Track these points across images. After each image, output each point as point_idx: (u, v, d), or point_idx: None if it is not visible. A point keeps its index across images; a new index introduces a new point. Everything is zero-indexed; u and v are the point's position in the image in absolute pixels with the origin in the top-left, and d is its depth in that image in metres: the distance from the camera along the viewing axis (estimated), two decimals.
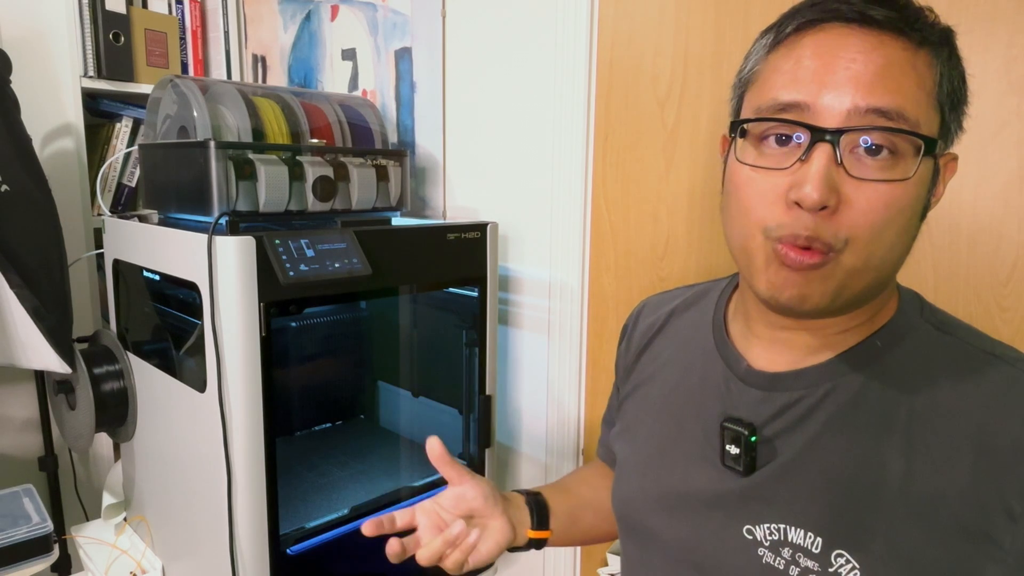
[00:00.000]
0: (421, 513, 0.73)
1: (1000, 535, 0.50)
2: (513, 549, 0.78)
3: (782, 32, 0.55)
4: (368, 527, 0.70)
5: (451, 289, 1.25)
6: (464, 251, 1.15)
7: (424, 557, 0.71)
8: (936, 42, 0.53)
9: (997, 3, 0.79)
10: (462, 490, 0.75)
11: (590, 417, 1.25)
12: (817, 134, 0.51)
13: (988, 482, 0.51)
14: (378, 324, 1.45)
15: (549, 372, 1.28)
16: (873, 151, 0.51)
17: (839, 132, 0.50)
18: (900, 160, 0.51)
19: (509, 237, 1.32)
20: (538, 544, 0.79)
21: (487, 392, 1.21)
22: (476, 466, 1.23)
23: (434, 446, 0.73)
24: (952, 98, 0.54)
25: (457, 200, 1.41)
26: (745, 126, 0.56)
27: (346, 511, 1.14)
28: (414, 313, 1.36)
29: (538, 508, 0.79)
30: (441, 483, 1.24)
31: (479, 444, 1.22)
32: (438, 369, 1.35)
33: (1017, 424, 0.51)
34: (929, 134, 0.51)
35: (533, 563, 1.35)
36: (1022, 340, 0.80)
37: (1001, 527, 0.50)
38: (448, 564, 0.72)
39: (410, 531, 0.73)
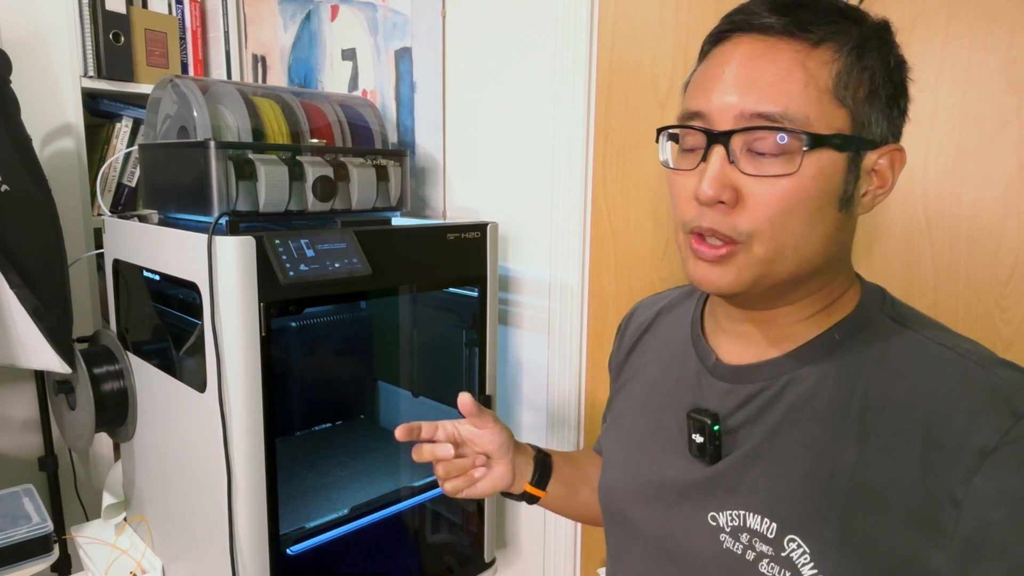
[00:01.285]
0: (443, 431, 0.80)
1: (945, 522, 0.52)
2: (507, 494, 0.85)
3: (705, 45, 0.61)
4: (400, 432, 0.78)
5: (451, 289, 1.25)
6: (464, 251, 1.15)
7: (440, 471, 0.79)
8: (840, 39, 0.56)
9: (997, 3, 0.79)
10: (482, 433, 0.81)
11: (590, 417, 1.25)
12: (712, 137, 0.57)
13: (935, 471, 0.52)
14: (378, 324, 1.45)
15: (549, 372, 1.28)
16: (762, 151, 0.55)
17: (728, 134, 0.56)
18: (792, 156, 0.55)
19: (509, 237, 1.32)
20: (530, 499, 0.85)
21: (487, 392, 1.21)
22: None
23: (466, 401, 0.79)
24: (860, 91, 0.56)
25: (457, 200, 1.41)
26: (672, 132, 0.62)
27: (346, 511, 1.14)
28: (414, 313, 1.36)
29: (542, 468, 0.85)
30: (438, 484, 1.24)
31: None
32: (438, 369, 1.35)
33: (962, 414, 0.53)
34: (823, 130, 0.54)
35: (533, 563, 1.35)
36: (1022, 340, 0.81)
37: (946, 514, 0.52)
38: (447, 486, 0.80)
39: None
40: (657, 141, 0.63)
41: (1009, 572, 0.49)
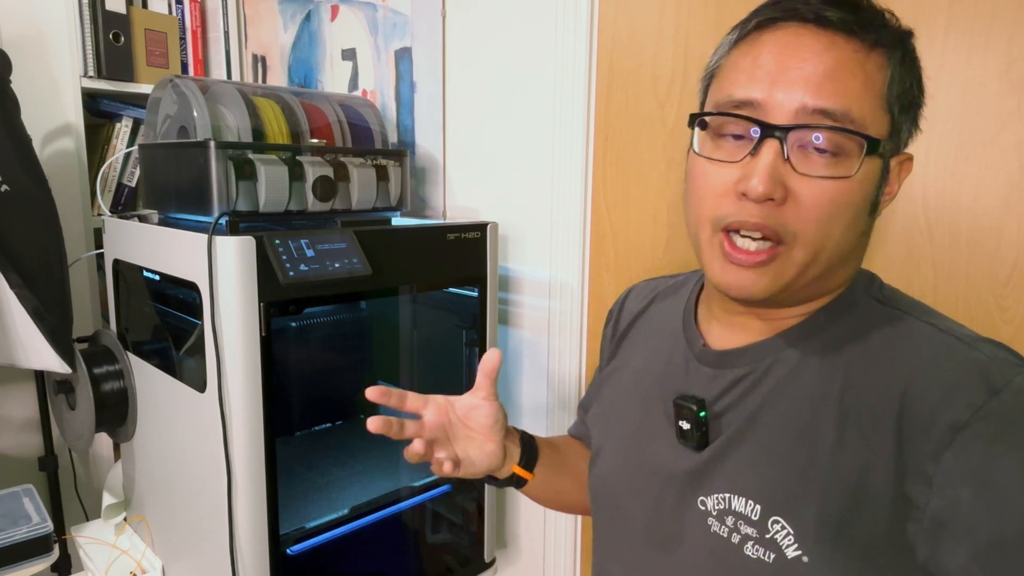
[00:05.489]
0: (432, 407, 0.75)
1: (918, 497, 0.51)
2: (492, 480, 0.80)
3: (745, 29, 0.58)
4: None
5: (451, 289, 1.25)
6: (464, 251, 1.15)
7: (413, 451, 0.73)
8: (890, 44, 0.55)
9: (997, 3, 0.79)
10: (480, 406, 0.76)
11: None
12: (767, 130, 0.54)
13: (908, 447, 0.52)
14: (378, 324, 1.45)
15: (549, 372, 1.28)
16: (819, 149, 0.53)
17: (787, 129, 0.53)
18: (845, 158, 0.53)
19: (509, 237, 1.31)
20: (518, 483, 0.81)
21: None
22: None
23: (494, 358, 0.74)
24: (903, 99, 0.55)
25: (457, 200, 1.41)
26: (704, 119, 0.58)
27: (346, 511, 1.14)
28: (414, 313, 1.35)
29: (529, 450, 0.82)
30: (438, 483, 1.24)
31: None
32: (438, 369, 1.35)
33: (937, 390, 0.52)
34: (875, 134, 0.53)
35: (533, 563, 1.35)
36: (1022, 340, 0.80)
37: (918, 490, 0.51)
38: (436, 468, 0.75)
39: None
40: (691, 126, 0.60)
41: (975, 551, 0.49)
